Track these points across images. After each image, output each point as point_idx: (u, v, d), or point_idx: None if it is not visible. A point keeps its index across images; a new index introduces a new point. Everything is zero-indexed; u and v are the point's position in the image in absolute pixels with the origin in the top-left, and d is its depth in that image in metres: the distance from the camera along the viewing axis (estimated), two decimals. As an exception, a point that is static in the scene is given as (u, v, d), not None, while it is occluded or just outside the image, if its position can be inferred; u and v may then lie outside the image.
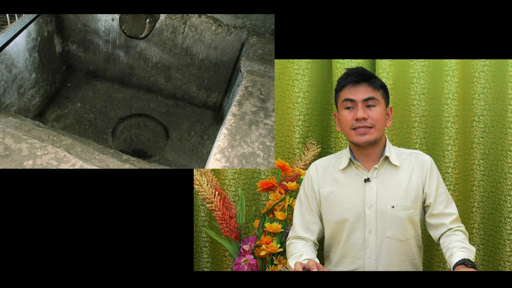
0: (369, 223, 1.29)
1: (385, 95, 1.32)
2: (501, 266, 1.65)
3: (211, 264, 1.78)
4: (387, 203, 1.28)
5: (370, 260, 1.29)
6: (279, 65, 1.74)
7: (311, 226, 1.37)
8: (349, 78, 1.28)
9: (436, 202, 1.29)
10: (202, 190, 1.55)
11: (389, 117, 1.33)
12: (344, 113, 1.29)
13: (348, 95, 1.27)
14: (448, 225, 1.28)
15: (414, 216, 1.29)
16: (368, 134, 1.26)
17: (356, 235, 1.30)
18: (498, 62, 1.65)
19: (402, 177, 1.30)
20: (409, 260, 1.31)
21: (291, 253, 1.32)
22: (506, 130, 1.62)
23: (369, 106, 1.27)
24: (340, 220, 1.31)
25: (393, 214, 1.28)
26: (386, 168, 1.31)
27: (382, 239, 1.28)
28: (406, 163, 1.32)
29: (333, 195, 1.33)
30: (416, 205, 1.29)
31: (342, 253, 1.33)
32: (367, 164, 1.31)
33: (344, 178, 1.33)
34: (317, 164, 1.40)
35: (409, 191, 1.29)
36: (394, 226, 1.28)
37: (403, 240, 1.29)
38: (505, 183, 1.63)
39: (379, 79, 1.31)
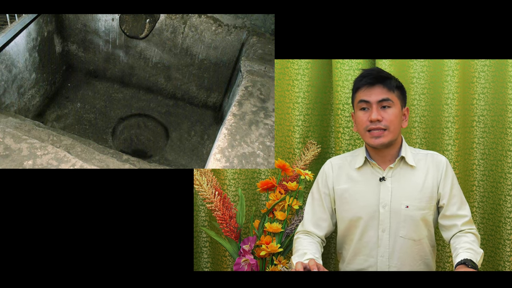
0: (382, 222, 1.29)
1: (401, 96, 1.31)
2: (501, 266, 1.65)
3: (211, 264, 1.78)
4: (401, 202, 1.28)
5: (382, 259, 1.30)
6: (279, 65, 1.74)
7: (321, 222, 1.38)
8: (364, 79, 1.29)
9: (450, 204, 1.30)
10: (202, 190, 1.55)
11: (405, 117, 1.33)
12: (360, 114, 1.29)
13: (363, 97, 1.28)
14: (459, 226, 1.28)
15: (428, 217, 1.29)
16: (382, 137, 1.26)
17: (369, 233, 1.30)
18: (498, 62, 1.65)
19: (418, 177, 1.30)
20: (422, 259, 1.31)
21: (296, 248, 1.34)
22: (506, 130, 1.62)
23: (384, 108, 1.27)
24: (354, 218, 1.32)
25: (407, 214, 1.28)
26: (401, 168, 1.31)
27: (395, 238, 1.29)
28: (421, 164, 1.32)
29: (348, 193, 1.33)
30: (431, 205, 1.29)
31: (355, 250, 1.33)
32: (383, 163, 1.32)
33: (360, 176, 1.34)
34: (332, 161, 1.41)
35: (424, 191, 1.29)
36: (407, 226, 1.28)
37: (416, 240, 1.29)
38: (505, 183, 1.63)
39: (395, 80, 1.31)
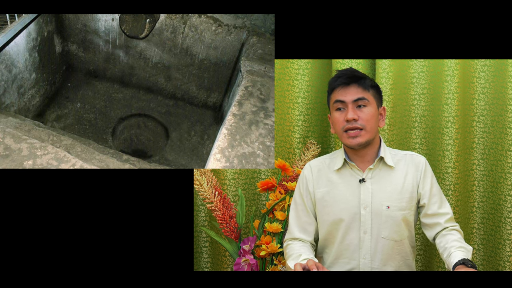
0: (364, 224, 1.29)
1: (377, 95, 1.31)
2: (501, 266, 1.65)
3: (211, 264, 1.78)
4: (382, 203, 1.28)
5: (364, 261, 1.29)
6: (279, 65, 1.74)
7: (307, 226, 1.36)
8: (339, 79, 1.28)
9: (430, 203, 1.30)
10: (202, 190, 1.55)
11: (382, 117, 1.32)
12: (336, 115, 1.29)
13: (339, 97, 1.27)
14: (443, 224, 1.29)
15: (408, 217, 1.30)
16: (359, 137, 1.25)
17: (351, 235, 1.30)
18: (498, 62, 1.65)
19: (397, 177, 1.30)
20: (403, 260, 1.32)
21: (289, 254, 1.32)
22: (506, 130, 1.62)
23: (360, 107, 1.26)
24: (335, 220, 1.31)
25: (388, 215, 1.28)
26: (381, 169, 1.31)
27: (377, 239, 1.29)
28: (401, 164, 1.32)
29: (328, 196, 1.33)
30: (411, 205, 1.30)
31: (337, 253, 1.32)
32: (362, 164, 1.31)
33: (339, 178, 1.33)
34: (311, 164, 1.39)
35: (404, 191, 1.29)
36: (389, 227, 1.28)
37: (398, 240, 1.29)
38: (505, 183, 1.63)
39: (369, 79, 1.30)
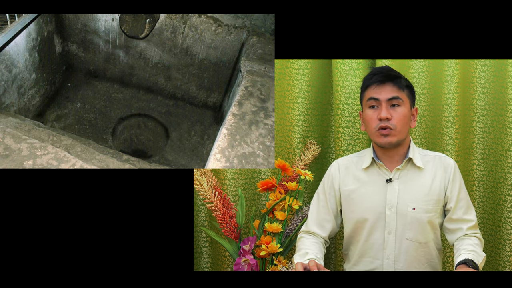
0: (389, 224, 1.28)
1: (411, 95, 1.31)
2: (501, 266, 1.65)
3: (211, 264, 1.78)
4: (408, 205, 1.27)
5: (388, 261, 1.29)
6: (279, 65, 1.74)
7: (324, 223, 1.37)
8: (374, 77, 1.28)
9: (457, 207, 1.29)
10: (202, 190, 1.55)
11: (414, 117, 1.32)
12: (369, 112, 1.29)
13: (373, 94, 1.27)
14: (465, 230, 1.28)
15: (434, 219, 1.28)
16: (390, 136, 1.25)
17: (375, 235, 1.30)
18: (498, 62, 1.65)
19: (425, 179, 1.29)
20: (428, 262, 1.31)
21: (298, 248, 1.34)
22: (506, 130, 1.62)
23: (394, 106, 1.26)
24: (360, 219, 1.31)
25: (413, 216, 1.27)
26: (409, 170, 1.30)
27: (401, 240, 1.28)
28: (429, 166, 1.31)
29: (355, 194, 1.33)
30: (437, 208, 1.28)
31: (361, 252, 1.33)
32: (390, 164, 1.31)
33: (366, 177, 1.33)
34: (339, 162, 1.40)
35: (431, 194, 1.28)
36: (414, 228, 1.27)
37: (423, 242, 1.28)
38: (505, 183, 1.63)
39: (405, 79, 1.30)
